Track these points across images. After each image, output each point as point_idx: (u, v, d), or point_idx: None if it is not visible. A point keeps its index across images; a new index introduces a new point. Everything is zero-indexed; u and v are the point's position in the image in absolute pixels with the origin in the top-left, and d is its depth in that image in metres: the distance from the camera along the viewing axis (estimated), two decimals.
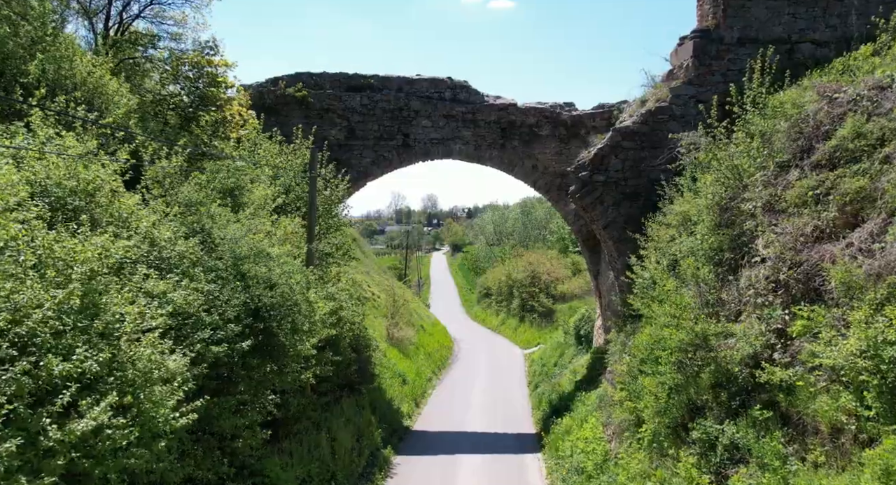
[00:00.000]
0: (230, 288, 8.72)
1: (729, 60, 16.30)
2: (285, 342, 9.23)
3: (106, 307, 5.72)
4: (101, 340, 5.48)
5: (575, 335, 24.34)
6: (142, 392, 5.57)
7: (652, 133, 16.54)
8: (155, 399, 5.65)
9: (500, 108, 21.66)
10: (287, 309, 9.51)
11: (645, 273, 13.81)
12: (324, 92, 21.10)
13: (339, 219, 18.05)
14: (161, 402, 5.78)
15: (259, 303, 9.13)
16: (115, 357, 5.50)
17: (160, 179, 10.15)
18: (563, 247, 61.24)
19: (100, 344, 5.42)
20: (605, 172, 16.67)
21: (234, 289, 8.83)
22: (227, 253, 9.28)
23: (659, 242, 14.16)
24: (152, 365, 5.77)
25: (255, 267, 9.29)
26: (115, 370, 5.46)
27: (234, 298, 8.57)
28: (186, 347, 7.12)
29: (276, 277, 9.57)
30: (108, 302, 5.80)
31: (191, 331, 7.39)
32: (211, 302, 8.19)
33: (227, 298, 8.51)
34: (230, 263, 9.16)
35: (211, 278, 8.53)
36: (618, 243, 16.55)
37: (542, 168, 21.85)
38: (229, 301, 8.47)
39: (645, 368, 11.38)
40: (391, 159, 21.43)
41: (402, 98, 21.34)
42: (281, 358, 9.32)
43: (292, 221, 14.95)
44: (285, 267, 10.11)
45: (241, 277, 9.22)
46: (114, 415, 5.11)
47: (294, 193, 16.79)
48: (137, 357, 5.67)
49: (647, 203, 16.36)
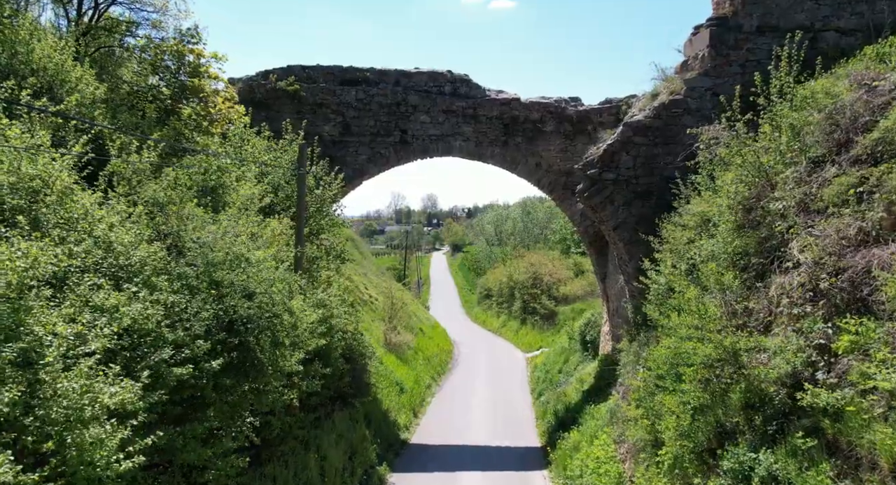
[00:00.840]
0: (200, 298, 7.68)
1: (747, 50, 15.26)
2: (264, 359, 8.19)
3: (26, 329, 4.67)
4: (16, 372, 4.44)
5: (580, 341, 23.30)
6: (69, 435, 4.54)
7: (665, 128, 15.50)
8: (86, 442, 4.60)
9: (503, 103, 20.62)
10: (267, 321, 8.47)
11: (660, 279, 12.78)
12: (317, 86, 20.06)
13: (332, 219, 16.98)
14: (98, 444, 4.74)
15: (234, 315, 8.08)
16: (33, 392, 4.47)
17: (127, 176, 9.11)
18: (565, 247, 60.22)
19: (14, 376, 4.37)
20: (615, 169, 15.63)
21: (206, 299, 7.79)
22: (199, 259, 8.24)
23: (675, 244, 13.13)
24: (85, 400, 4.74)
25: (230, 274, 8.25)
26: (33, 409, 4.43)
27: (204, 310, 7.53)
28: (142, 370, 6.08)
29: (255, 285, 8.52)
30: (33, 322, 4.75)
31: (148, 351, 6.35)
32: (176, 315, 7.14)
33: (196, 310, 7.47)
34: (202, 270, 8.12)
35: (177, 288, 7.49)
36: (629, 246, 15.51)
37: (546, 166, 20.81)
38: (198, 314, 7.42)
39: (664, 383, 10.34)
40: (388, 157, 20.39)
41: (399, 92, 20.30)
42: (259, 376, 8.27)
43: (280, 221, 13.91)
44: (266, 273, 9.06)
45: (214, 286, 8.17)
46: (26, 468, 4.08)
47: (284, 192, 15.74)
48: (63, 392, 4.63)
49: (660, 203, 15.32)
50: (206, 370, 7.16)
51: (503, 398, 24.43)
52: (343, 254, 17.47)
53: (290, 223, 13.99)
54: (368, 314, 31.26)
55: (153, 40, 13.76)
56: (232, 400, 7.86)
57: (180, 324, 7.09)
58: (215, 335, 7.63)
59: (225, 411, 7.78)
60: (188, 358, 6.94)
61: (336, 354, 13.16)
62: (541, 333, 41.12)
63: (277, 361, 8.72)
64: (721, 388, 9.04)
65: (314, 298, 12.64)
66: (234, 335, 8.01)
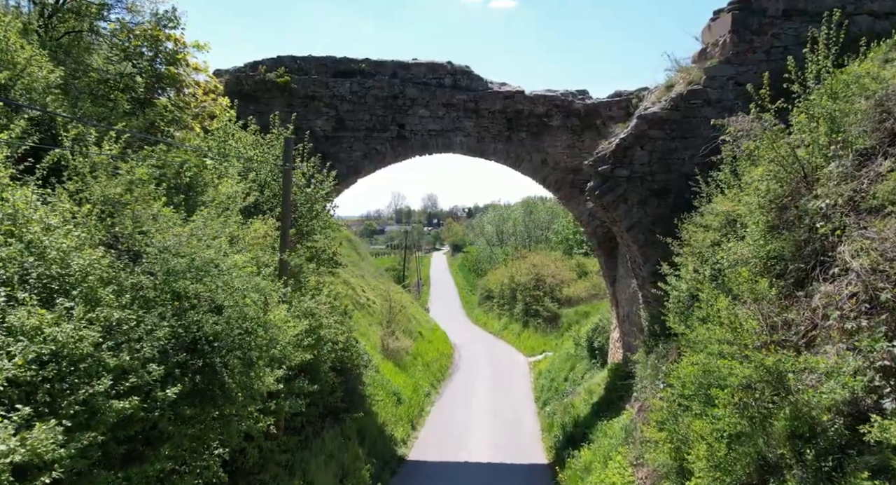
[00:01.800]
0: (156, 314, 6.51)
1: (773, 36, 14.08)
2: (233, 382, 7.01)
3: None
4: None
5: (587, 347, 22.12)
6: None
7: (683, 120, 14.33)
8: None
9: (506, 97, 19.43)
10: (238, 338, 7.30)
11: (681, 285, 11.61)
12: (309, 78, 18.88)
13: (323, 220, 15.80)
14: None
15: (198, 332, 6.91)
16: None
17: (83, 171, 7.93)
18: (568, 248, 59.06)
19: None
20: (628, 165, 14.45)
21: (163, 315, 6.61)
22: (158, 266, 7.06)
23: (697, 247, 11.96)
24: None
25: (194, 285, 7.07)
26: None
27: (160, 327, 6.35)
28: (69, 407, 4.92)
29: (224, 296, 7.35)
30: None
31: (79, 382, 5.18)
32: (123, 335, 5.97)
33: (150, 327, 6.30)
34: (161, 280, 6.94)
35: (127, 302, 6.32)
36: (644, 248, 14.34)
37: (552, 163, 19.63)
38: (152, 332, 6.25)
39: (691, 405, 9.16)
40: (384, 153, 19.21)
41: (396, 85, 19.12)
42: (228, 403, 7.09)
43: (265, 222, 12.75)
44: (239, 282, 7.88)
45: (175, 299, 7.00)
46: None
47: (271, 190, 14.58)
48: None
49: (678, 201, 14.15)
50: (159, 400, 5.99)
51: (506, 407, 23.26)
52: (336, 257, 16.27)
53: (275, 224, 12.83)
54: (366, 318, 30.11)
55: (126, 24, 12.59)
56: (194, 432, 6.68)
57: (127, 345, 5.91)
58: (173, 357, 6.46)
59: (186, 446, 6.60)
60: (136, 387, 5.77)
61: (325, 367, 12.00)
62: (544, 336, 39.94)
63: (252, 382, 7.54)
64: (761, 413, 7.88)
65: (301, 307, 11.48)
66: (197, 356, 6.83)
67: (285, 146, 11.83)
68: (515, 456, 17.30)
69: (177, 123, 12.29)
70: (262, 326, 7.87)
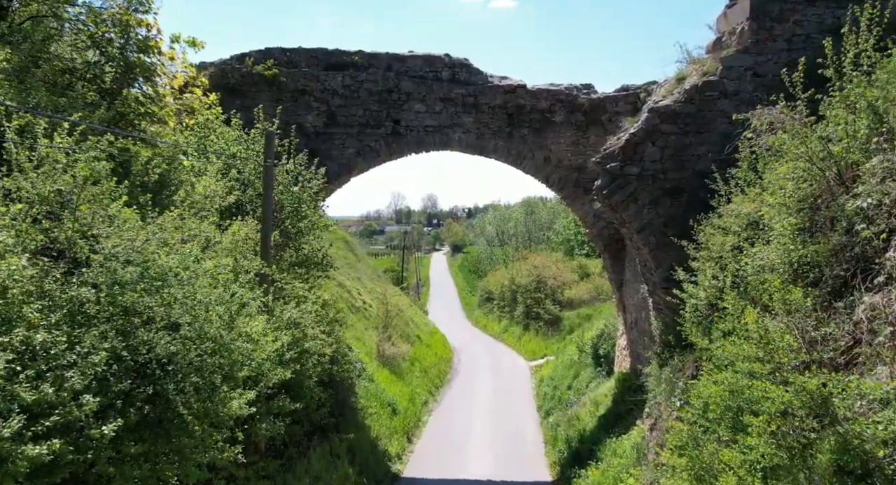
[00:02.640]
0: (95, 334, 5.50)
1: (794, 23, 13.08)
2: (187, 413, 5.99)
3: None
4: None
5: (592, 354, 21.11)
6: None
7: (698, 114, 13.32)
8: None
9: (507, 91, 18.41)
10: (197, 359, 6.29)
11: (699, 292, 10.61)
12: (298, 71, 17.87)
13: (312, 221, 14.77)
14: None
15: (149, 354, 5.90)
16: None
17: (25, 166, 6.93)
18: (569, 249, 58.11)
19: None
20: (639, 162, 13.44)
21: (105, 334, 5.60)
22: (103, 277, 6.04)
23: (715, 251, 10.96)
24: None
25: (144, 298, 6.06)
26: None
27: (97, 350, 5.34)
28: None
29: (183, 311, 6.33)
30: None
31: None
32: (47, 362, 4.96)
33: (86, 350, 5.29)
34: (105, 293, 5.93)
35: (59, 319, 5.31)
36: (655, 251, 13.33)
37: (555, 161, 18.62)
38: (87, 357, 5.24)
39: (717, 429, 8.15)
40: (379, 150, 18.20)
41: (391, 78, 18.10)
42: (184, 435, 6.08)
43: (246, 223, 11.74)
44: (202, 293, 6.86)
45: (124, 315, 5.99)
46: None
47: (254, 190, 13.56)
48: None
49: (692, 201, 13.15)
50: (92, 439, 4.98)
51: (507, 417, 22.24)
52: (326, 260, 15.25)
53: (257, 226, 11.82)
54: (361, 322, 29.12)
55: (94, 9, 11.58)
56: (142, 473, 5.67)
57: (53, 374, 4.91)
58: (115, 385, 5.45)
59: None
60: (63, 425, 4.76)
61: (310, 383, 10.99)
62: (545, 339, 38.94)
63: (214, 409, 6.53)
64: (801, 444, 6.88)
65: (283, 318, 10.47)
66: (147, 383, 5.82)
67: (266, 140, 10.82)
68: (517, 472, 16.29)
69: (148, 117, 11.28)
70: (226, 347, 6.83)
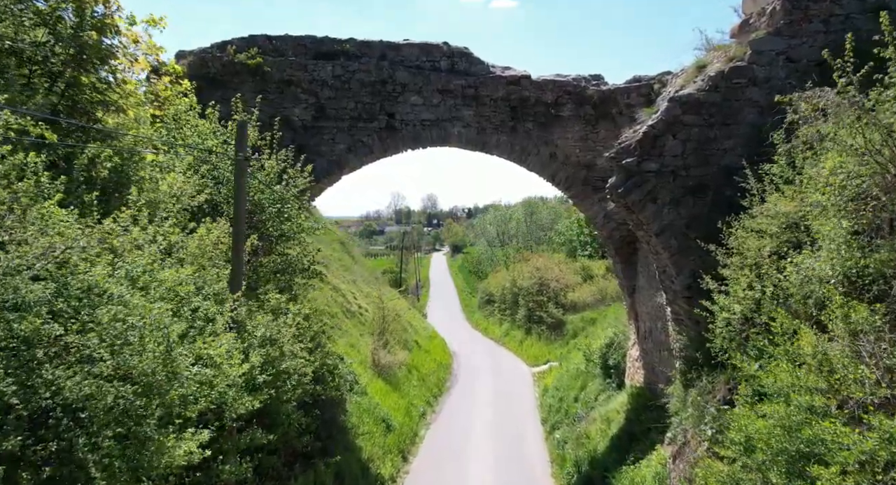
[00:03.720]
0: None
1: (833, 1, 11.75)
2: (104, 475, 4.65)
3: None
4: None
5: (601, 365, 19.77)
6: None
7: (724, 104, 11.98)
8: None
9: (510, 82, 17.08)
10: (123, 402, 4.95)
11: (732, 305, 9.26)
12: (285, 60, 16.52)
13: (298, 223, 13.43)
14: None
15: (53, 398, 4.56)
16: None
17: None
18: (571, 250, 56.72)
19: None
20: (658, 157, 12.10)
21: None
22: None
23: (749, 256, 9.63)
24: None
25: (48, 325, 4.72)
26: None
27: None
28: None
29: (97, 342, 4.99)
30: None
31: None
32: None
33: None
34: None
35: None
36: (676, 256, 11.99)
37: (562, 157, 17.28)
38: None
39: (769, 475, 6.79)
40: (371, 146, 16.86)
41: (385, 68, 16.75)
42: None
43: (218, 226, 10.40)
44: (136, 315, 5.51)
45: (24, 346, 4.64)
46: None
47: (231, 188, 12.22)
48: None
49: (718, 200, 11.82)
50: None
51: (509, 431, 20.90)
52: (315, 266, 13.92)
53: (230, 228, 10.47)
54: (356, 328, 27.80)
55: None
56: None
57: None
58: None
59: None
60: None
61: (289, 407, 9.65)
62: (548, 344, 37.56)
63: (150, 461, 5.19)
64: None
65: (256, 335, 9.14)
66: (50, 435, 4.48)
67: (238, 131, 9.46)
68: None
69: (105, 106, 9.94)
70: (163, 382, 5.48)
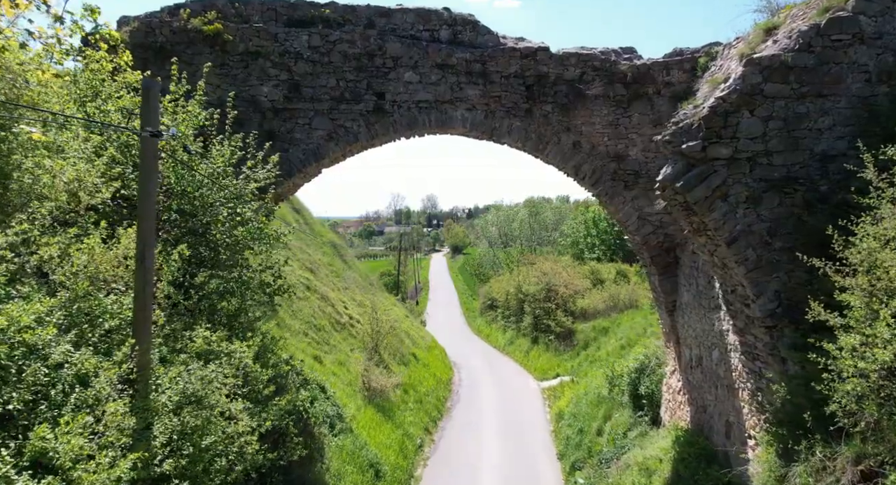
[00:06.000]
0: None
1: None
2: None
3: None
4: None
5: (630, 393, 16.76)
6: None
7: (819, 69, 8.97)
8: None
9: (524, 55, 14.08)
10: None
11: (876, 352, 6.26)
12: (250, 27, 13.54)
13: (257, 228, 10.42)
14: None
15: None
16: None
17: None
18: (578, 252, 53.88)
19: None
20: (730, 140, 9.09)
21: None
22: None
23: (886, 279, 6.65)
24: None
25: None
26: None
27: None
28: None
29: None
30: None
31: None
32: None
33: None
34: None
35: None
36: (755, 272, 8.97)
37: (587, 147, 14.28)
38: None
39: None
40: (357, 132, 13.86)
41: (373, 38, 13.77)
42: None
43: (123, 235, 7.40)
44: None
45: None
46: None
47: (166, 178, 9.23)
48: None
49: (811, 198, 8.84)
50: None
51: (521, 469, 17.90)
52: (281, 284, 10.94)
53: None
54: (347, 341, 24.81)
55: None
56: None
57: None
58: None
59: None
60: None
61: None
62: (556, 355, 34.58)
63: None
64: None
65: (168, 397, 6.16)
66: None
67: (143, 95, 6.45)
68: None
69: None
70: None
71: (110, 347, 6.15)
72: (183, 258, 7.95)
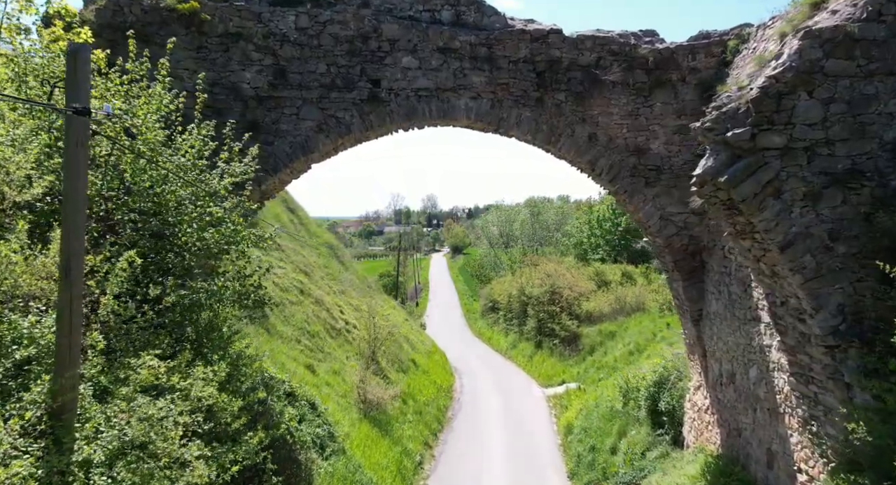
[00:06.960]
0: None
1: None
2: None
3: None
4: None
5: (647, 408, 15.43)
6: None
7: (892, 41, 7.62)
8: None
9: (535, 38, 12.76)
10: None
11: None
12: (231, 5, 12.20)
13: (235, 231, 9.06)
14: None
15: None
16: None
17: None
18: (581, 253, 52.51)
19: None
20: (784, 127, 7.74)
21: None
22: None
23: None
24: None
25: None
26: None
27: None
28: None
29: None
30: None
31: None
32: None
33: None
34: None
35: None
36: (813, 282, 7.62)
37: (604, 140, 12.94)
38: None
39: None
40: (350, 123, 12.51)
41: (367, 19, 12.43)
42: None
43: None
44: None
45: None
46: None
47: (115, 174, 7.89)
48: None
49: (883, 194, 7.50)
50: None
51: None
52: (260, 294, 9.59)
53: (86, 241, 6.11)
54: (343, 347, 23.48)
55: None
56: None
57: None
58: None
59: None
60: None
61: None
62: (561, 360, 33.25)
63: None
64: None
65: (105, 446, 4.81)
66: None
67: (68, 62, 5.11)
68: None
69: None
70: None
71: (25, 382, 4.80)
72: (134, 267, 6.59)
